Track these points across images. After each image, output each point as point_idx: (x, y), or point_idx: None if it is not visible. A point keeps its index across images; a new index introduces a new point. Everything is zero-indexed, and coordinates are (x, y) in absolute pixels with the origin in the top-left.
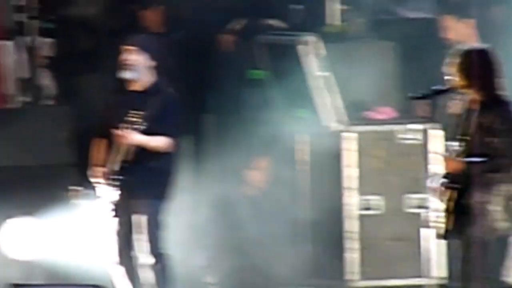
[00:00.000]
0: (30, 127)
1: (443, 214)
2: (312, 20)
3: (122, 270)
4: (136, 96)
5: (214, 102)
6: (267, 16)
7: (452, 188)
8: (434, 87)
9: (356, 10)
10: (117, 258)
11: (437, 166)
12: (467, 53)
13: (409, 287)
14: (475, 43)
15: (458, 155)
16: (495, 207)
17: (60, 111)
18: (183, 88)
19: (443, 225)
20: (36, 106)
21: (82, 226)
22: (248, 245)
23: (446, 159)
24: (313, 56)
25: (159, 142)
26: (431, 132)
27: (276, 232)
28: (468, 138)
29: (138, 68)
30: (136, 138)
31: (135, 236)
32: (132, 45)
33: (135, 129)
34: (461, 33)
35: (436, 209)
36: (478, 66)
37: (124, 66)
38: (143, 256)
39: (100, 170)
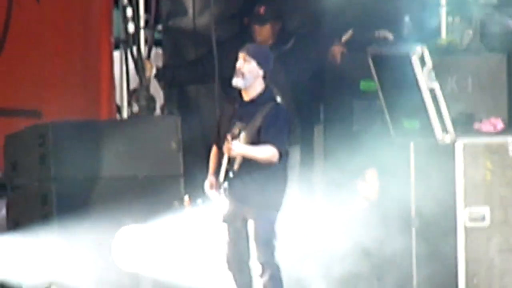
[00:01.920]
0: (139, 137)
1: None
2: (421, 32)
3: (232, 279)
4: (244, 105)
5: (325, 113)
6: (377, 27)
7: None
8: None
9: (465, 22)
10: (227, 267)
11: None
12: None
13: None
14: None
15: None
16: None
17: (169, 121)
18: (294, 99)
19: None
20: (145, 117)
21: (194, 234)
22: (359, 254)
23: None
24: (424, 68)
25: (264, 151)
26: None
27: (387, 242)
28: None
29: (249, 76)
30: (240, 148)
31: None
32: (246, 53)
33: (239, 139)
34: None
35: None
36: None
37: (236, 74)
38: (255, 266)
39: (212, 179)
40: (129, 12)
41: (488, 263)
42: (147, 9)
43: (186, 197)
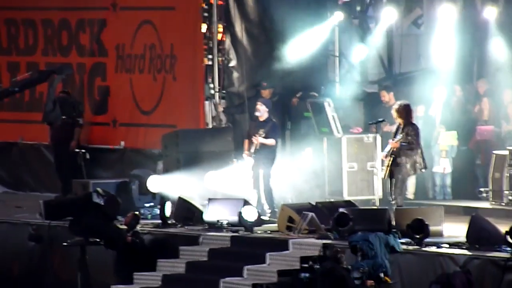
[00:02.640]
0: (218, 136)
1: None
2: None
3: (254, 195)
4: (260, 122)
5: (291, 126)
6: (311, 90)
7: (391, 155)
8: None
9: None
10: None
11: None
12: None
13: None
14: None
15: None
16: (408, 164)
17: (228, 130)
18: (279, 120)
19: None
20: (218, 128)
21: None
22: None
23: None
24: (330, 107)
25: (269, 141)
26: None
27: None
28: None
29: (262, 111)
30: (260, 139)
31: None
32: (260, 102)
33: (260, 136)
34: None
35: None
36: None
37: (257, 111)
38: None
39: (247, 153)
40: None
41: None
42: None
43: (234, 160)
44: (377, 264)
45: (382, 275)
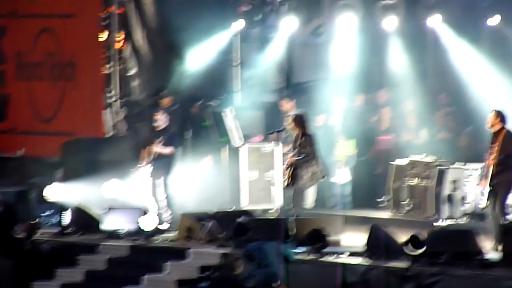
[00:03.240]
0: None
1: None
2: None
3: (153, 204)
4: (159, 131)
5: (192, 134)
6: (212, 98)
7: (289, 167)
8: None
9: None
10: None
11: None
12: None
13: None
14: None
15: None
16: (307, 174)
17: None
18: (179, 129)
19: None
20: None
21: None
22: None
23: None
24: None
25: (167, 150)
26: None
27: None
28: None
29: (161, 120)
30: (158, 148)
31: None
32: (159, 112)
33: (158, 144)
34: None
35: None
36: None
37: (155, 120)
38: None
39: (146, 161)
40: None
41: None
42: None
43: (134, 168)
44: (271, 273)
45: (277, 283)
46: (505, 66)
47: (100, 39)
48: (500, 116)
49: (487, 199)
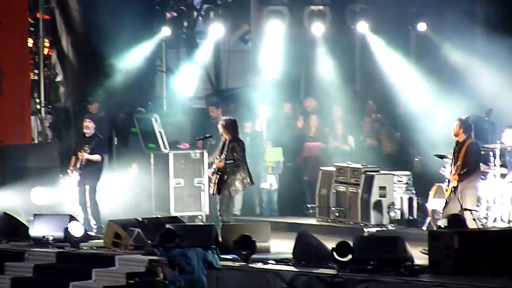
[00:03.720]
0: None
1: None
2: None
3: (81, 211)
4: (86, 138)
5: (118, 142)
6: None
7: (217, 173)
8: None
9: None
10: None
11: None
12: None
13: None
14: None
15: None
16: (236, 181)
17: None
18: (106, 137)
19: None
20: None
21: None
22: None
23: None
24: (157, 123)
25: (95, 157)
26: None
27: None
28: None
29: (91, 127)
30: (86, 155)
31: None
32: (88, 119)
33: (86, 152)
34: None
35: None
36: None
37: (84, 126)
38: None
39: (72, 168)
40: None
41: None
42: None
43: (60, 175)
44: (194, 280)
45: None
46: (432, 72)
47: (26, 46)
48: (464, 125)
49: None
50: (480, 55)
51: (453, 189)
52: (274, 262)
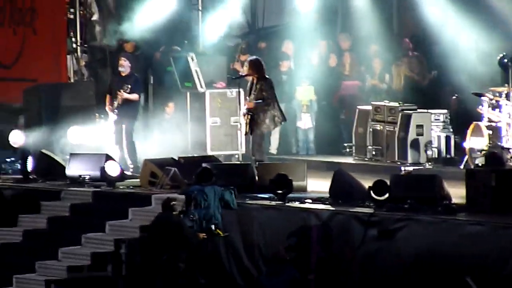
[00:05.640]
0: None
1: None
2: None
3: (117, 150)
4: (123, 77)
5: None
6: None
7: (248, 113)
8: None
9: None
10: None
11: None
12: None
13: None
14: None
15: (251, 100)
16: (267, 119)
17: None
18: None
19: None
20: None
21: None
22: None
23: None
24: (193, 61)
25: (133, 96)
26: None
27: None
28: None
29: (125, 66)
30: (125, 95)
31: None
32: (123, 57)
33: (125, 91)
34: None
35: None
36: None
37: (120, 65)
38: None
39: (109, 107)
40: None
41: None
42: None
43: (97, 115)
44: (208, 215)
45: (213, 227)
46: (470, 10)
47: None
48: None
49: None
50: None
51: None
52: (310, 201)
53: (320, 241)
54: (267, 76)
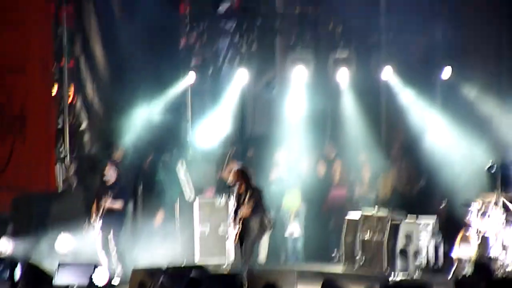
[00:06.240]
0: None
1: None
2: None
3: (104, 259)
4: (109, 185)
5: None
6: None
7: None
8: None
9: None
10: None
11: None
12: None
13: None
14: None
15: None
16: (256, 226)
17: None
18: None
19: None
20: None
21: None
22: None
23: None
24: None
25: (117, 204)
26: None
27: None
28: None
29: (110, 174)
30: (108, 203)
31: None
32: (108, 165)
33: (108, 198)
34: None
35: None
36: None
37: (104, 174)
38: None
39: (96, 215)
40: None
41: None
42: None
43: (85, 223)
44: None
45: None
46: (459, 118)
47: (51, 93)
48: None
49: None
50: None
51: None
52: None
53: None
54: (254, 185)
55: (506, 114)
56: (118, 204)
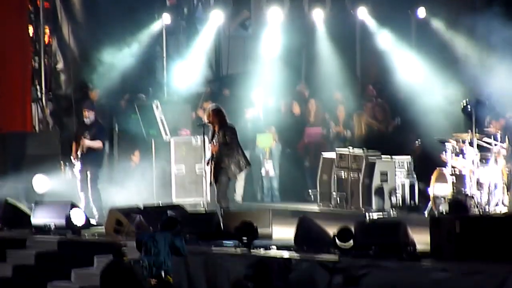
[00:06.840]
0: None
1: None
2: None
3: (83, 199)
4: (87, 125)
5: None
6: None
7: (212, 159)
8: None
9: None
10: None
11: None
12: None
13: None
14: None
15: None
16: (232, 164)
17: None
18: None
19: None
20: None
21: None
22: None
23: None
24: (158, 110)
25: (96, 143)
26: None
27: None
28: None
29: (89, 116)
30: (87, 142)
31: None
32: (86, 107)
33: (86, 138)
34: None
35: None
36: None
37: (84, 114)
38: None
39: (74, 155)
40: None
41: None
42: None
43: (62, 163)
44: (158, 262)
45: (163, 273)
46: (432, 57)
47: (26, 34)
48: None
49: None
50: (481, 39)
51: None
52: (275, 248)
53: (279, 271)
54: (229, 123)
55: (479, 53)
56: (97, 144)
